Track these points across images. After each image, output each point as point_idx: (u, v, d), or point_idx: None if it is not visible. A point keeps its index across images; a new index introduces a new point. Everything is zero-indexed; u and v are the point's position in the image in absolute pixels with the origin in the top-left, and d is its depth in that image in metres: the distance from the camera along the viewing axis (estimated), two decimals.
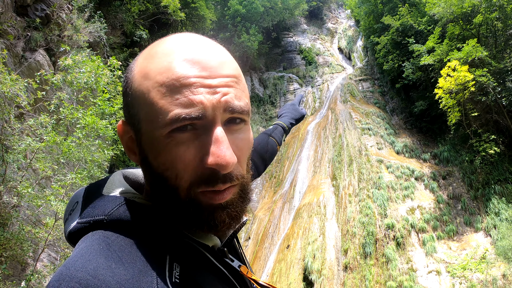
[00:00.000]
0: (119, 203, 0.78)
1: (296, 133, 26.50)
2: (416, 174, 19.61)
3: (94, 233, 0.74)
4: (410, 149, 22.42)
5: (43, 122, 9.51)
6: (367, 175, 19.29)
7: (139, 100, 0.73)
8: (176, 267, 0.73)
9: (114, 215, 0.76)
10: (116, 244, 0.70)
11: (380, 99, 28.93)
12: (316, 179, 21.16)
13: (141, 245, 0.73)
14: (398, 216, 17.02)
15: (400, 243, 15.87)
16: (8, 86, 8.57)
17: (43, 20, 10.30)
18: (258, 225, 20.70)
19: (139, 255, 0.70)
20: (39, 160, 9.43)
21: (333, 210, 18.50)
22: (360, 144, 21.69)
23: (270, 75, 34.06)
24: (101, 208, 0.78)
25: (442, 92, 18.09)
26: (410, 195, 18.38)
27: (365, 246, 16.04)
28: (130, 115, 0.77)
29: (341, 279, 15.61)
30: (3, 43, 8.81)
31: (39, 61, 10.64)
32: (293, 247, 17.63)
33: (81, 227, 0.77)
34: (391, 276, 14.79)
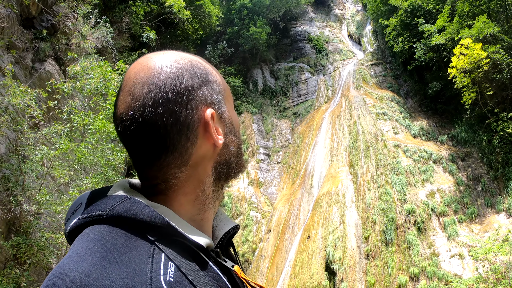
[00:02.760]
0: (119, 200, 0.81)
1: (311, 123, 26.33)
2: (434, 157, 19.26)
3: (90, 229, 0.76)
4: (426, 132, 22.01)
5: (57, 130, 9.71)
6: (384, 161, 19.05)
7: (223, 87, 0.98)
8: (170, 266, 0.74)
9: (114, 210, 0.78)
10: (111, 244, 0.72)
11: (393, 82, 28.46)
12: (334, 167, 21.02)
13: (136, 243, 0.75)
14: (418, 200, 16.77)
15: (421, 228, 15.66)
16: (19, 98, 8.76)
17: (50, 30, 10.48)
18: (278, 217, 20.73)
19: (134, 254, 0.72)
20: (55, 168, 9.64)
21: (352, 198, 18.36)
22: (376, 129, 21.41)
23: (280, 66, 33.81)
24: (102, 205, 0.81)
25: (456, 72, 17.68)
26: (429, 179, 18.08)
27: (386, 233, 15.90)
28: (219, 99, 0.95)
29: (363, 267, 15.54)
30: (12, 56, 9.00)
31: (49, 71, 10.84)
32: (314, 237, 17.61)
33: (81, 222, 0.80)
34: (413, 262, 14.64)
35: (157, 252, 0.76)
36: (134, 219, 0.77)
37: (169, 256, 0.76)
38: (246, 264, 19.54)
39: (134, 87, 0.84)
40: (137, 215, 0.77)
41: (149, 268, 0.71)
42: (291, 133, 27.69)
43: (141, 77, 0.84)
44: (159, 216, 0.79)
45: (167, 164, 0.85)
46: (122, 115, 0.84)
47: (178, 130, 0.83)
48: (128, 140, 0.85)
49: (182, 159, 0.86)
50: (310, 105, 29.47)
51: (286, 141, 27.11)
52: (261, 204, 22.72)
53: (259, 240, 20.50)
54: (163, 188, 0.87)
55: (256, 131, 26.89)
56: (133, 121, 0.82)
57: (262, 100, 30.17)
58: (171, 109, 0.83)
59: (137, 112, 0.82)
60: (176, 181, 0.87)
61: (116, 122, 0.86)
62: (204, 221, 0.91)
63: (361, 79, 28.19)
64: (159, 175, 0.86)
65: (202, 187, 0.90)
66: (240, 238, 20.53)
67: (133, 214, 0.78)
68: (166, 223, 0.79)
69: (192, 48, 23.70)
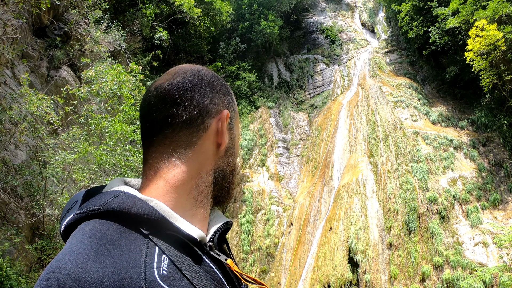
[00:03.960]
0: (114, 195, 0.84)
1: (328, 114, 26.09)
2: (455, 143, 18.82)
3: (85, 224, 0.79)
4: (446, 118, 21.49)
5: (75, 135, 9.92)
6: (404, 149, 18.73)
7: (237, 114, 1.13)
8: (164, 259, 0.77)
9: (109, 205, 0.81)
10: (106, 237, 0.74)
11: (409, 69, 27.87)
12: (353, 158, 20.81)
13: (131, 236, 0.77)
14: (440, 188, 16.44)
15: (444, 217, 15.36)
16: (36, 105, 8.96)
17: (63, 38, 10.68)
18: (300, 210, 20.67)
19: (128, 247, 0.75)
20: (75, 172, 9.86)
21: (373, 188, 18.16)
22: (394, 118, 21.05)
23: (295, 58, 33.48)
24: (98, 200, 0.83)
25: (472, 55, 17.21)
26: (450, 166, 17.69)
27: (408, 222, 15.67)
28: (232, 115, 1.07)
29: (386, 257, 15.38)
30: (28, 65, 9.21)
31: (64, 78, 11.05)
32: (336, 229, 17.52)
33: (77, 218, 0.82)
34: (437, 251, 14.40)
35: (151, 245, 0.78)
36: (128, 213, 0.79)
37: (163, 250, 0.79)
38: (269, 259, 19.59)
39: (178, 71, 1.01)
40: (131, 209, 0.80)
41: (143, 261, 0.74)
42: (309, 125, 27.51)
43: (184, 67, 1.04)
44: (152, 210, 0.81)
45: (177, 139, 0.94)
46: (160, 84, 0.98)
47: (199, 110, 0.96)
48: (156, 103, 0.95)
49: (191, 140, 0.94)
50: (327, 96, 29.19)
51: (304, 134, 26.96)
52: (282, 198, 22.70)
53: (281, 234, 20.51)
54: (164, 171, 0.92)
55: (273, 125, 26.82)
56: (170, 85, 0.96)
57: (278, 94, 30.04)
58: (200, 91, 0.98)
59: (174, 82, 0.97)
60: (179, 162, 0.93)
61: (150, 90, 0.99)
62: (194, 217, 0.93)
63: (376, 67, 27.74)
64: (166, 151, 0.93)
65: (197, 180, 0.94)
66: (262, 233, 20.57)
67: (127, 208, 0.80)
68: (160, 216, 0.81)
69: (205, 45, 23.78)
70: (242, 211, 21.66)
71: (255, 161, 24.72)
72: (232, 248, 20.36)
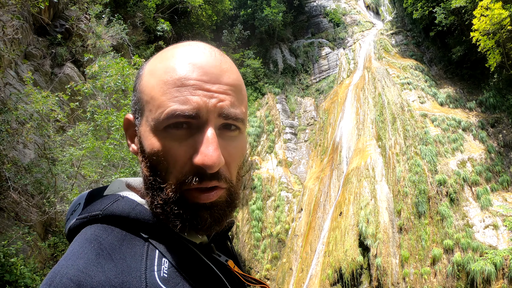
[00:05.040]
0: (113, 199, 0.84)
1: (335, 98, 25.89)
2: (463, 124, 18.61)
3: (87, 229, 0.80)
4: (454, 99, 21.22)
5: (82, 130, 9.98)
6: (412, 132, 18.56)
7: (143, 95, 0.82)
8: (164, 262, 0.77)
9: (108, 210, 0.81)
10: (107, 242, 0.75)
11: (415, 50, 27.45)
12: (361, 142, 20.70)
13: (131, 241, 0.78)
14: (449, 170, 16.31)
15: (453, 199, 15.28)
16: (41, 104, 9.01)
17: (65, 35, 10.66)
18: (309, 196, 20.70)
19: (129, 251, 0.75)
20: (84, 167, 9.94)
21: (382, 172, 18.09)
22: (401, 100, 20.83)
23: (299, 43, 33.13)
24: (98, 205, 0.84)
25: (478, 34, 16.90)
26: (459, 148, 17.53)
27: (418, 206, 15.62)
28: (135, 109, 0.86)
29: (396, 241, 15.40)
30: (31, 64, 9.24)
31: (68, 74, 11.07)
32: (346, 213, 17.55)
33: (79, 222, 0.84)
34: (447, 234, 14.36)
35: (151, 249, 0.78)
36: (127, 218, 0.80)
37: (163, 253, 0.79)
38: (280, 245, 19.72)
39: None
40: (130, 214, 0.80)
41: (143, 265, 0.74)
42: (315, 110, 27.35)
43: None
44: (151, 214, 0.81)
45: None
46: None
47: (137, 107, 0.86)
48: None
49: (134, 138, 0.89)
50: (333, 80, 28.92)
51: (311, 119, 26.83)
52: (291, 184, 22.72)
53: (292, 220, 20.60)
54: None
55: (280, 111, 26.70)
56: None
57: (283, 80, 29.82)
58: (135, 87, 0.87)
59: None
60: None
61: None
62: None
63: (382, 50, 27.37)
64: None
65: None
66: (273, 219, 20.68)
67: (126, 212, 0.81)
68: (157, 220, 0.81)
69: (208, 34, 23.60)
70: (252, 198, 21.75)
71: (263, 148, 24.72)
72: (243, 235, 20.51)
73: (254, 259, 19.53)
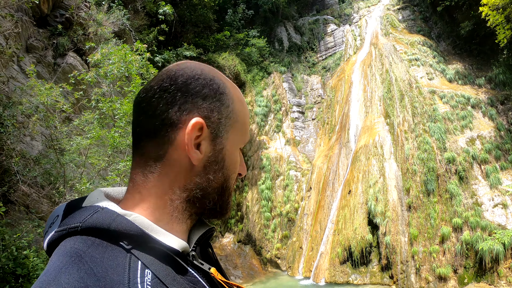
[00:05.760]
0: (93, 210, 0.83)
1: (342, 75, 25.53)
2: (472, 101, 18.29)
3: (66, 242, 0.79)
4: (462, 75, 20.79)
5: (88, 119, 10.01)
6: (420, 109, 18.30)
7: (238, 117, 0.98)
8: (147, 273, 0.77)
9: (88, 222, 0.80)
10: (88, 255, 0.74)
11: (423, 26, 26.70)
12: (369, 119, 20.51)
13: (113, 253, 0.77)
14: (458, 148, 16.16)
15: (462, 177, 15.17)
16: (45, 95, 9.02)
17: (65, 25, 10.58)
18: (318, 174, 20.69)
19: (111, 263, 0.74)
20: (90, 156, 10.01)
21: (391, 150, 17.97)
22: (409, 76, 20.46)
23: (304, 21, 32.37)
24: (77, 217, 0.82)
25: (488, 9, 16.42)
26: (469, 125, 17.29)
27: (427, 184, 15.55)
28: (217, 120, 0.94)
29: (405, 219, 15.42)
30: (33, 57, 9.21)
31: (71, 64, 11.03)
32: (355, 191, 17.58)
33: (58, 235, 0.82)
34: (456, 213, 14.34)
35: (133, 260, 0.78)
36: (107, 230, 0.79)
37: (145, 264, 0.78)
38: (290, 224, 19.87)
39: (160, 73, 0.95)
40: (110, 225, 0.79)
41: (126, 277, 0.73)
42: (322, 88, 27.05)
43: (170, 68, 0.96)
44: (132, 225, 0.80)
45: (147, 151, 0.90)
46: (141, 89, 0.95)
47: (162, 119, 0.88)
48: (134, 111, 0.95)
49: (158, 153, 0.89)
50: (339, 58, 28.43)
51: (318, 97, 26.56)
52: (299, 163, 22.70)
53: (301, 199, 20.68)
54: (139, 184, 0.90)
55: (287, 90, 26.44)
56: (144, 91, 0.93)
57: (289, 58, 29.40)
58: (167, 98, 0.89)
59: (147, 88, 0.93)
60: (151, 175, 0.90)
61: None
62: (173, 232, 0.90)
63: (389, 25, 26.73)
64: (140, 163, 0.91)
65: (171, 196, 0.91)
66: (282, 198, 20.78)
67: (106, 224, 0.79)
68: (139, 231, 0.80)
69: (211, 15, 23.26)
70: (261, 178, 21.81)
71: (270, 127, 24.62)
72: (253, 215, 20.69)
73: (265, 238, 19.74)
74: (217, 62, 23.74)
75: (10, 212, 8.83)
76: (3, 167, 8.62)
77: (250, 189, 21.83)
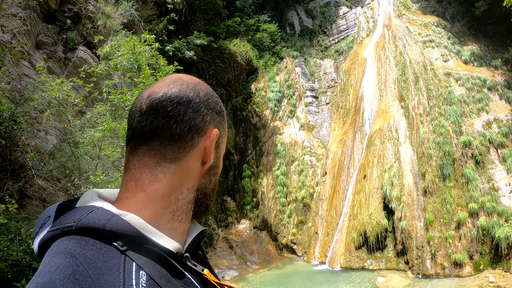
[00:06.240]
0: (88, 210, 0.83)
1: (355, 58, 25.10)
2: (489, 84, 17.82)
3: (60, 242, 0.79)
4: (478, 57, 20.22)
5: (100, 111, 10.10)
6: (436, 91, 17.88)
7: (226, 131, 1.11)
8: (142, 275, 0.77)
9: (82, 221, 0.80)
10: (82, 256, 0.74)
11: (437, 6, 25.88)
12: (384, 102, 20.20)
13: (107, 253, 0.77)
14: (474, 132, 15.80)
15: (479, 161, 14.88)
16: (56, 91, 9.11)
17: (74, 19, 10.61)
18: (333, 159, 20.57)
19: (105, 264, 0.75)
20: (104, 148, 10.14)
21: (406, 133, 17.71)
22: (424, 58, 19.97)
23: (315, 4, 31.69)
24: (71, 217, 0.83)
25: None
26: (485, 108, 16.87)
27: (442, 168, 15.29)
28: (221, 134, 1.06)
29: (421, 204, 15.25)
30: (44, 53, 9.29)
31: (82, 57, 11.09)
32: (370, 176, 17.45)
33: (51, 235, 0.82)
34: (472, 198, 14.10)
35: (128, 261, 0.78)
36: (102, 230, 0.79)
37: (140, 265, 0.78)
38: (306, 209, 19.89)
39: (174, 81, 0.99)
40: (105, 225, 0.79)
41: (121, 279, 0.74)
42: (336, 72, 26.67)
43: (182, 78, 1.01)
44: (127, 225, 0.80)
45: (164, 152, 0.92)
46: (154, 92, 0.96)
47: (190, 126, 0.94)
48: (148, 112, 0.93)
49: (177, 155, 0.92)
50: (352, 40, 27.91)
51: (332, 81, 26.23)
52: (314, 148, 22.58)
53: (316, 184, 20.64)
54: (145, 183, 0.91)
55: (300, 75, 26.16)
56: (164, 96, 0.94)
57: (301, 42, 28.98)
58: (194, 107, 0.95)
59: (169, 93, 0.95)
60: (162, 176, 0.91)
61: (142, 96, 0.97)
62: (172, 231, 0.92)
63: (402, 6, 26.03)
64: (150, 163, 0.92)
65: (177, 196, 0.93)
66: (297, 184, 20.76)
67: (101, 224, 0.79)
68: (134, 231, 0.81)
69: (220, 1, 22.98)
70: (275, 164, 21.79)
71: (284, 113, 24.47)
72: (268, 201, 20.76)
73: (280, 224, 19.82)
74: (228, 49, 23.57)
75: (27, 207, 9.05)
76: (19, 162, 8.80)
77: (265, 175, 21.85)
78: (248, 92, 25.13)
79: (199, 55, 20.71)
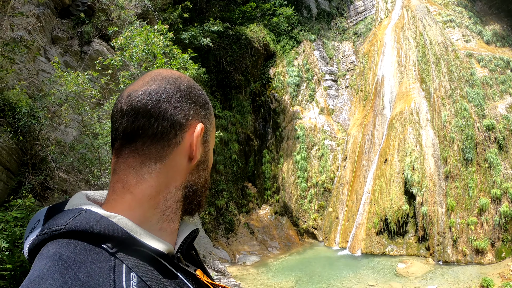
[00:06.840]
0: (76, 213, 0.83)
1: (374, 40, 24.48)
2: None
3: (49, 246, 0.79)
4: (501, 37, 19.46)
5: None
6: (457, 73, 17.30)
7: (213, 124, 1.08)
8: (132, 277, 0.78)
9: (70, 224, 0.79)
10: (71, 259, 0.74)
11: None
12: (404, 85, 19.74)
13: (96, 256, 0.78)
14: (498, 115, 15.21)
15: (502, 146, 14.37)
16: (72, 84, 9.24)
17: (88, 12, 10.68)
18: (353, 143, 20.35)
19: (95, 267, 0.75)
20: None
21: (427, 116, 17.30)
22: (445, 39, 19.29)
23: None
24: (60, 220, 0.82)
25: None
26: (508, 90, 16.28)
27: (465, 152, 14.87)
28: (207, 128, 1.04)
29: (443, 189, 14.96)
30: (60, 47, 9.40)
31: (98, 50, 11.19)
32: (391, 160, 17.21)
33: (40, 239, 0.81)
34: (495, 183, 13.68)
35: (118, 264, 0.78)
36: (91, 232, 0.79)
37: (130, 267, 0.78)
38: (326, 194, 19.83)
39: (154, 77, 0.97)
40: (94, 227, 0.79)
41: (111, 282, 0.74)
42: (355, 54, 26.16)
43: (162, 73, 0.99)
44: (116, 227, 0.80)
45: (147, 152, 0.90)
46: (133, 91, 0.93)
47: (172, 123, 0.92)
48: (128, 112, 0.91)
49: (161, 154, 0.91)
50: (370, 22, 27.19)
51: (351, 64, 25.77)
52: (334, 132, 22.37)
53: (336, 169, 20.52)
54: (132, 185, 0.90)
55: (318, 58, 25.77)
56: (143, 93, 0.92)
57: (319, 25, 28.43)
58: (175, 103, 0.93)
59: (148, 90, 0.92)
60: (148, 176, 0.90)
61: (122, 96, 0.95)
62: (162, 231, 0.92)
63: None
64: (134, 163, 0.90)
65: (165, 195, 0.92)
66: (318, 169, 20.67)
67: (90, 226, 0.79)
68: (123, 232, 0.81)
69: None
70: (296, 148, 21.70)
71: (303, 97, 24.23)
72: (289, 186, 20.77)
73: (301, 209, 19.85)
74: (245, 35, 23.38)
75: (49, 199, 9.29)
76: (39, 156, 9.01)
77: (285, 160, 21.82)
78: (266, 77, 24.95)
79: (216, 42, 20.62)
